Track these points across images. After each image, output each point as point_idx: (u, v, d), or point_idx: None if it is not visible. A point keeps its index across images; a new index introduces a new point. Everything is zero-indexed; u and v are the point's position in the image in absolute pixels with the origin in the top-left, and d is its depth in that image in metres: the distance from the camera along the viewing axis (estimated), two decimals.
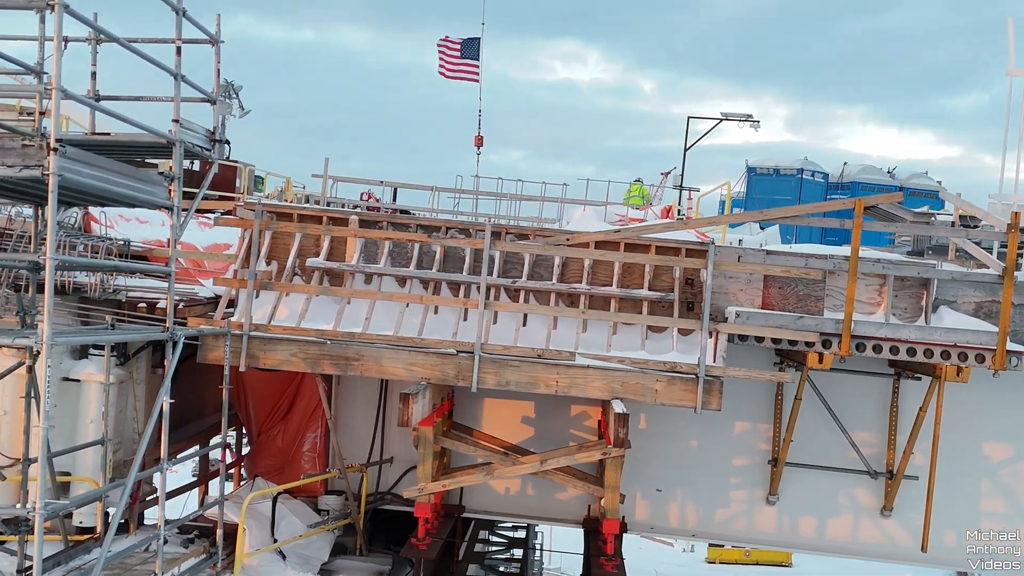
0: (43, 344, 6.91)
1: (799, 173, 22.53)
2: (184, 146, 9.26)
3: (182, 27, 9.73)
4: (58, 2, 7.01)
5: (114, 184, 7.95)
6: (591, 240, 11.56)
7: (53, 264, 6.97)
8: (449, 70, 46.59)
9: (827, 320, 11.00)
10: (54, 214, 6.95)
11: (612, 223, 16.40)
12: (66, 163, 7.13)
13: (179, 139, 9.13)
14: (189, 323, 11.17)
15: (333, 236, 12.09)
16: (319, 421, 13.06)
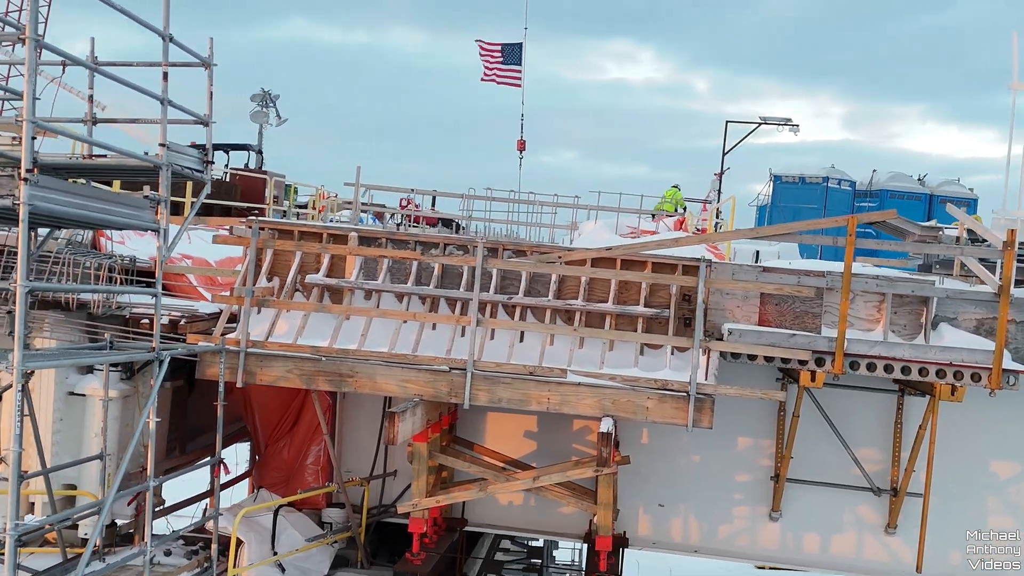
0: (14, 369, 7.10)
1: (824, 181, 22.33)
2: (172, 169, 9.45)
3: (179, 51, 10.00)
4: (29, 36, 7.21)
5: (91, 210, 8.15)
6: (587, 257, 11.60)
7: (24, 291, 7.17)
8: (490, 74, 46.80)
9: (820, 338, 10.94)
10: (25, 242, 7.14)
11: (623, 236, 16.41)
12: (38, 191, 7.33)
13: (166, 163, 9.32)
14: (188, 339, 11.40)
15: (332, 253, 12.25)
16: (323, 434, 13.23)
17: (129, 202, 8.97)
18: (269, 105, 37.58)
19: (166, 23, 9.39)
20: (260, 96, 37.05)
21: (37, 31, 9.38)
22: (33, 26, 7.32)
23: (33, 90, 7.17)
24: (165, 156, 9.32)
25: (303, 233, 12.39)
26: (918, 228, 12.72)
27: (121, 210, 8.69)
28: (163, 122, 9.41)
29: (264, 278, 12.23)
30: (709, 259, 11.77)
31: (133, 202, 9.06)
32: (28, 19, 7.31)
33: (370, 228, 12.57)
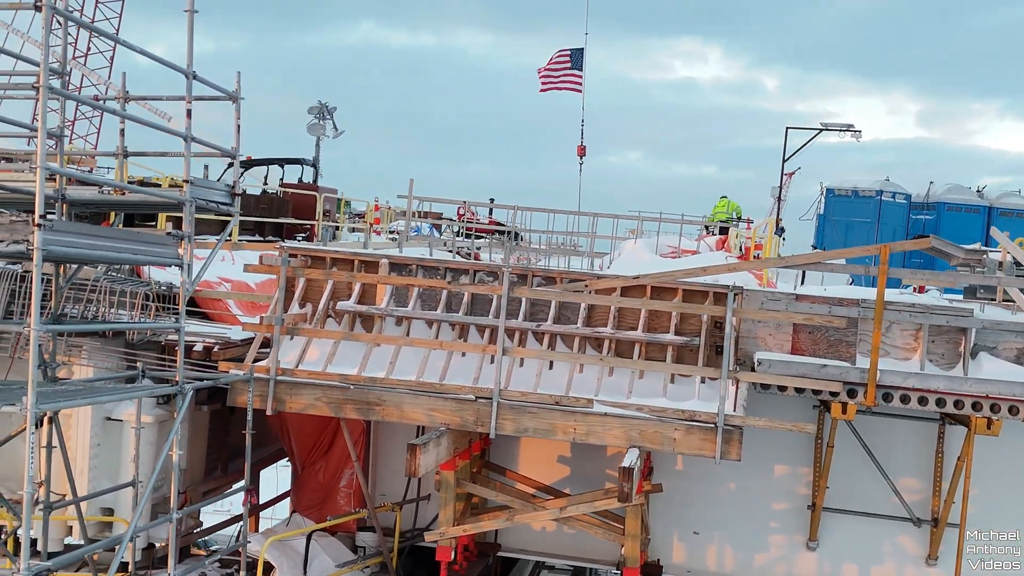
0: (27, 412, 7.25)
1: (878, 195, 21.86)
2: (198, 204, 9.58)
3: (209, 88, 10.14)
4: (42, 84, 7.35)
5: (110, 250, 8.27)
6: (614, 285, 11.51)
7: (37, 334, 7.31)
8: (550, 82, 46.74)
9: (852, 369, 10.72)
10: (38, 287, 7.27)
11: (664, 255, 16.26)
12: (53, 236, 7.46)
13: (190, 199, 9.44)
14: (220, 367, 11.55)
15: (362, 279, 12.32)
16: (358, 458, 13.29)
17: (151, 240, 9.10)
18: (326, 117, 37.98)
19: (190, 61, 9.51)
20: (317, 108, 37.49)
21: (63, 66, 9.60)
22: (46, 66, 7.45)
23: (43, 137, 7.29)
24: (189, 192, 9.43)
25: (335, 260, 12.48)
26: (961, 251, 12.39)
27: (142, 248, 8.82)
28: (187, 157, 9.52)
29: (296, 304, 12.34)
30: (740, 287, 11.60)
31: (155, 239, 9.19)
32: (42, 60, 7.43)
33: (400, 255, 12.60)
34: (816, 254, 11.36)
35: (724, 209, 29.82)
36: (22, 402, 7.25)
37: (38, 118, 7.39)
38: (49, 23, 7.42)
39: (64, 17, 8.13)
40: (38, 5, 7.42)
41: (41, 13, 7.40)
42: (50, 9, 7.42)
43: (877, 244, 21.70)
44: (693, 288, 11.72)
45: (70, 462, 11.70)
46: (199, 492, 13.53)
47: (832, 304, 11.14)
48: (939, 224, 22.43)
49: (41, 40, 7.44)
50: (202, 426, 13.37)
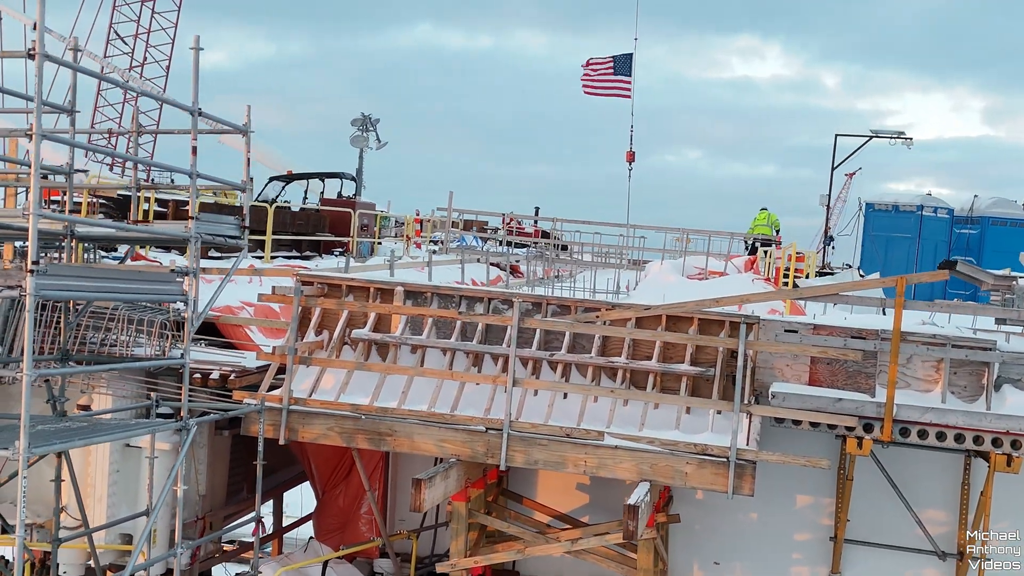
0: (20, 455, 7.32)
1: (919, 210, 21.41)
2: (200, 239, 9.64)
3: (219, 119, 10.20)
4: (35, 132, 7.42)
5: (107, 291, 8.34)
6: (626, 316, 11.38)
7: (30, 379, 7.38)
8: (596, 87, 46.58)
9: (868, 403, 10.49)
10: (31, 333, 7.34)
11: (691, 277, 16.06)
12: (46, 280, 7.54)
13: (194, 235, 9.49)
14: (235, 395, 11.61)
15: (379, 304, 12.33)
16: (377, 483, 13.32)
17: (153, 277, 9.17)
18: (369, 129, 38.19)
19: (195, 98, 9.59)
20: (360, 120, 37.68)
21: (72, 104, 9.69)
22: (39, 109, 7.52)
23: (36, 187, 7.36)
24: (194, 228, 9.48)
25: (351, 287, 12.50)
26: (990, 277, 12.07)
27: (144, 285, 8.88)
28: (192, 195, 9.59)
29: (312, 332, 12.38)
30: (756, 316, 11.43)
31: (158, 276, 9.26)
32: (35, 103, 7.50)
33: (416, 283, 12.57)
34: (832, 286, 11.14)
35: (764, 222, 29.43)
36: (14, 446, 7.31)
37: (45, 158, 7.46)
38: (41, 70, 7.49)
39: (56, 63, 8.20)
40: (31, 53, 7.50)
41: (34, 61, 7.47)
42: (43, 57, 7.49)
43: (917, 260, 21.46)
44: (708, 317, 11.56)
45: (89, 489, 11.89)
46: (220, 516, 13.64)
47: (849, 336, 10.91)
48: (983, 239, 21.90)
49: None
50: (223, 450, 13.46)
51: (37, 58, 7.44)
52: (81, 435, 8.15)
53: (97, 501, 12.04)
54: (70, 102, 9.68)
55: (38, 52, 7.44)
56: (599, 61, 47.03)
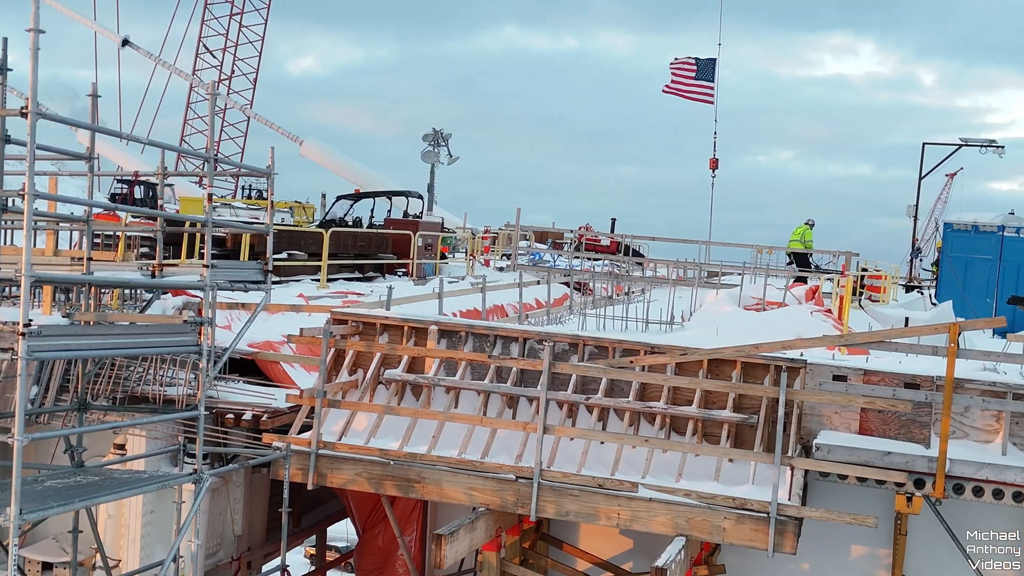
0: (11, 522, 7.17)
1: (1000, 231, 20.36)
2: (217, 288, 9.45)
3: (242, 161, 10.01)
4: (27, 192, 7.27)
5: (110, 347, 8.17)
6: (665, 361, 10.89)
7: (21, 444, 7.24)
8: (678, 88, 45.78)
9: (919, 458, 9.83)
10: (23, 395, 7.20)
11: (748, 308, 15.45)
12: (39, 342, 7.38)
13: (210, 284, 9.30)
14: (264, 438, 11.43)
15: (413, 342, 12.06)
16: (415, 524, 13.03)
17: (164, 329, 8.99)
18: (441, 144, 38.13)
19: (208, 145, 9.41)
20: (432, 136, 37.66)
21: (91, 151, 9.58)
22: (31, 172, 7.38)
23: (28, 246, 7.22)
24: (210, 276, 9.29)
25: (385, 326, 12.24)
26: None
27: (154, 339, 8.71)
28: (208, 243, 9.39)
29: (346, 371, 12.15)
30: (803, 359, 10.84)
31: (170, 328, 9.08)
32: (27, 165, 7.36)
33: (450, 321, 12.26)
34: (879, 332, 10.48)
35: (799, 238, 28.64)
36: (5, 512, 7.17)
37: None
38: (34, 128, 7.34)
39: (51, 119, 8.07)
40: (24, 112, 7.36)
41: (27, 120, 7.33)
42: (35, 116, 7.34)
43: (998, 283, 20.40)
44: (752, 360, 11.00)
45: (124, 529, 11.81)
46: (260, 555, 13.51)
47: (902, 383, 10.27)
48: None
49: None
50: (262, 488, 13.34)
51: (29, 116, 7.30)
52: (83, 495, 7.99)
53: (131, 543, 11.98)
54: (88, 149, 9.56)
55: (30, 111, 7.29)
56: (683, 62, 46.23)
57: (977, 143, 39.33)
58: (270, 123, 57.62)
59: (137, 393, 11.81)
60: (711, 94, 45.97)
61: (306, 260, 20.51)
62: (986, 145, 39.20)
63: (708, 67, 46.08)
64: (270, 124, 57.38)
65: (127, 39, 59.47)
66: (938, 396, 9.87)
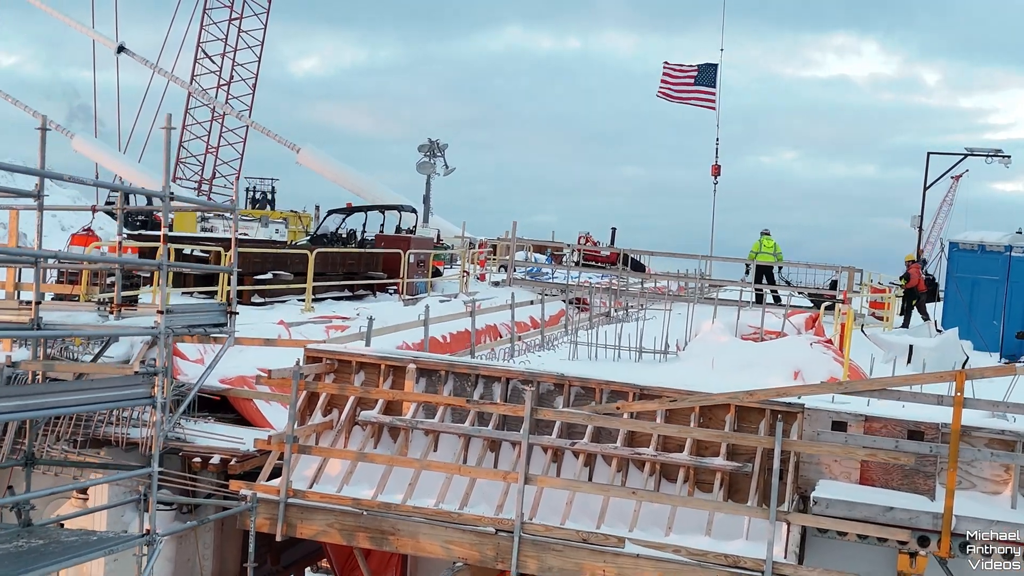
0: None
1: (1007, 250, 19.69)
2: (171, 336, 8.84)
3: None
4: None
5: (59, 406, 7.56)
6: (654, 408, 10.27)
7: None
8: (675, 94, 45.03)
9: (923, 514, 9.19)
10: None
11: (745, 337, 14.83)
12: None
13: (165, 331, 8.70)
14: (231, 485, 10.84)
15: (390, 381, 11.47)
16: (394, 570, 12.44)
17: (115, 382, 8.38)
18: (437, 154, 37.50)
19: (166, 183, 8.79)
20: (427, 146, 36.99)
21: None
22: None
23: None
24: (165, 322, 8.69)
25: (361, 363, 11.65)
26: None
27: (103, 394, 8.10)
28: (162, 282, 8.79)
29: (320, 412, 11.56)
30: (800, 404, 10.22)
31: (121, 381, 8.47)
32: None
33: (429, 359, 11.64)
34: (882, 380, 9.88)
35: (771, 250, 28.24)
36: None
37: None
38: None
39: None
40: None
41: None
42: None
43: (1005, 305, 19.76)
44: (748, 405, 10.39)
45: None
46: None
47: (906, 430, 9.64)
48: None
49: None
50: (234, 532, 12.67)
51: None
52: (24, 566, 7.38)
53: None
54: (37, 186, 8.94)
55: None
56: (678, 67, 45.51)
57: (983, 153, 38.68)
58: (267, 130, 57.09)
59: (99, 436, 11.20)
60: (713, 100, 45.30)
61: (291, 282, 19.92)
62: (992, 155, 38.54)
63: (709, 73, 45.37)
64: (267, 132, 56.84)
65: (123, 46, 59.01)
66: (943, 447, 9.24)
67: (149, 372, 8.64)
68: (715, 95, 44.68)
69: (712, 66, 45.07)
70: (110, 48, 59.63)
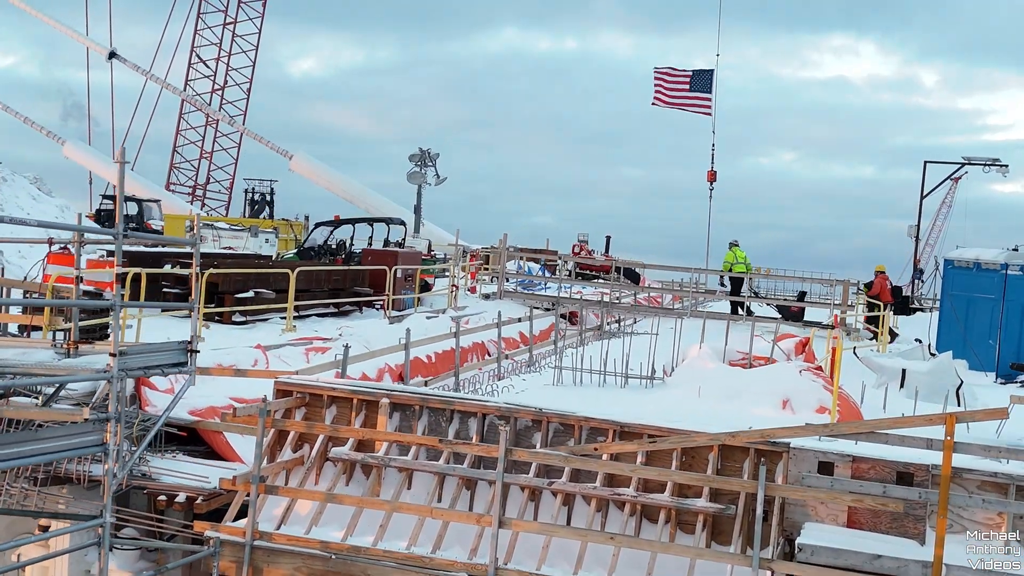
0: None
1: (1003, 268, 19.29)
2: (124, 380, 8.44)
3: None
4: None
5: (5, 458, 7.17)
6: (633, 449, 9.88)
7: None
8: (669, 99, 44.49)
9: (912, 563, 8.81)
10: None
11: (733, 363, 14.43)
12: None
13: (117, 375, 8.30)
14: (196, 526, 10.45)
15: (363, 416, 11.10)
16: None
17: (60, 432, 7.98)
18: (428, 164, 37.10)
19: (118, 220, 8.40)
20: (418, 156, 36.59)
21: None
22: None
23: None
24: (118, 366, 8.29)
25: (333, 398, 11.26)
26: None
27: (51, 444, 7.70)
28: (115, 324, 8.39)
29: (289, 449, 11.17)
30: (786, 443, 9.84)
31: (70, 430, 8.07)
32: None
33: (403, 393, 11.25)
34: (869, 423, 9.47)
35: (743, 261, 28.33)
36: None
37: None
38: None
39: None
40: None
41: None
42: None
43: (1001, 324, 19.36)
44: (733, 444, 10.01)
45: None
46: None
47: (895, 472, 9.27)
48: None
49: None
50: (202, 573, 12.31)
51: None
52: None
53: None
54: None
55: None
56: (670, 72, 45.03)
57: (980, 161, 38.31)
58: (259, 137, 56.88)
59: (60, 473, 10.81)
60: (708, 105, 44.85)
61: (274, 300, 19.52)
62: (989, 164, 38.17)
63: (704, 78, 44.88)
64: (259, 138, 56.63)
65: (114, 52, 58.72)
66: (933, 494, 8.85)
67: (100, 419, 8.25)
68: (711, 100, 44.28)
69: (708, 72, 44.64)
70: (102, 54, 59.41)
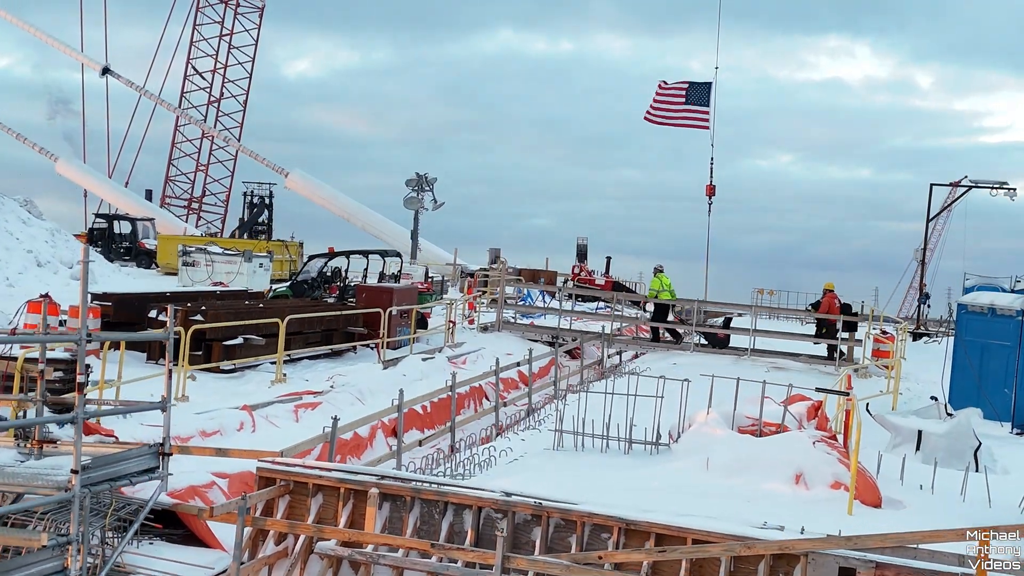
0: None
1: (1019, 315, 18.56)
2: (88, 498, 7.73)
3: None
4: None
5: None
6: (640, 559, 9.16)
7: None
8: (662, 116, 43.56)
9: None
10: None
11: (743, 429, 13.72)
12: None
13: (78, 494, 7.59)
14: None
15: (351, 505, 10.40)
16: None
17: (13, 564, 7.28)
18: (425, 188, 36.47)
19: (82, 325, 7.67)
20: (415, 180, 35.93)
21: None
22: None
23: None
24: (79, 484, 7.58)
25: (319, 486, 10.56)
26: None
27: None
28: (76, 440, 7.67)
29: (272, 541, 10.47)
30: (807, 549, 9.12)
31: (23, 560, 7.37)
32: None
33: (393, 483, 10.53)
34: (895, 536, 8.75)
35: (670, 287, 28.29)
36: None
37: None
38: None
39: None
40: None
41: None
42: None
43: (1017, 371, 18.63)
44: (746, 554, 9.28)
45: None
46: None
47: None
48: None
49: None
50: None
51: None
52: None
53: None
54: None
55: None
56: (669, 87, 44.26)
57: (987, 185, 37.67)
58: (255, 154, 56.24)
59: None
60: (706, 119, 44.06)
61: (263, 348, 18.84)
62: (996, 187, 37.53)
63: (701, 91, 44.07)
64: (255, 156, 55.99)
65: (107, 68, 58.05)
66: None
67: (60, 543, 7.55)
68: (708, 114, 43.54)
69: (706, 84, 43.91)
70: (96, 70, 58.74)
